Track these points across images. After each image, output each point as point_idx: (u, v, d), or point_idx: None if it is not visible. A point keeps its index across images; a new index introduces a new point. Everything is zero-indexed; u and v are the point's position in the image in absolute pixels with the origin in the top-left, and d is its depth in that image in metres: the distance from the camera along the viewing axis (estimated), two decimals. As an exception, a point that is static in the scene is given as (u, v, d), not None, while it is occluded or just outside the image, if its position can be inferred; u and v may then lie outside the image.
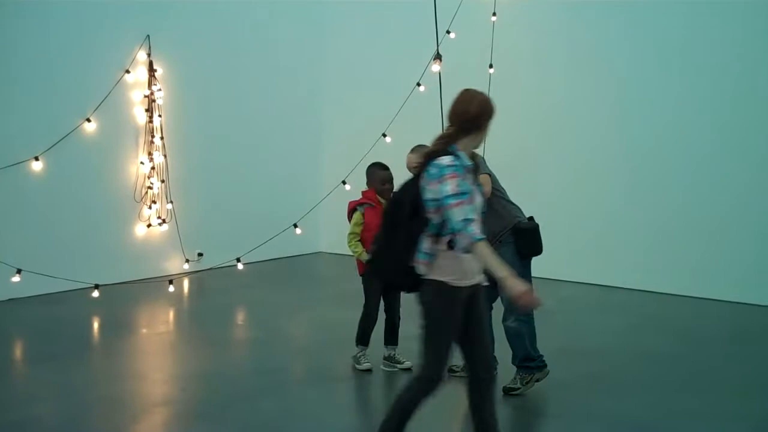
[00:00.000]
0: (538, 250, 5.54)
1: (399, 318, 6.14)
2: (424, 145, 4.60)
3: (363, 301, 6.09)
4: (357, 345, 6.13)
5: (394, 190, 4.50)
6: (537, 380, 5.48)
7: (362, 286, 6.10)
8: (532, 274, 5.50)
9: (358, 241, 5.99)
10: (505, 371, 5.55)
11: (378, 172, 6.04)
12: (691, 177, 8.79)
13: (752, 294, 8.33)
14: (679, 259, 8.85)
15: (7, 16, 8.17)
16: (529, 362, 5.47)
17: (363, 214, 5.99)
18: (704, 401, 5.42)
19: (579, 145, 9.68)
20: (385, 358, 6.13)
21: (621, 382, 5.20)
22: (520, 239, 5.48)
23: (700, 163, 8.74)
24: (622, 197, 9.31)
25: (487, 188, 5.25)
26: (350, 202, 6.15)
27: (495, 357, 5.17)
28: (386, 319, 6.12)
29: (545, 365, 5.55)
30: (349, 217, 6.09)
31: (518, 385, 5.43)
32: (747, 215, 8.38)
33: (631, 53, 9.28)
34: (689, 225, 8.78)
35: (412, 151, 5.31)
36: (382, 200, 5.97)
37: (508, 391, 5.40)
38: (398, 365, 6.07)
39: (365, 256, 5.88)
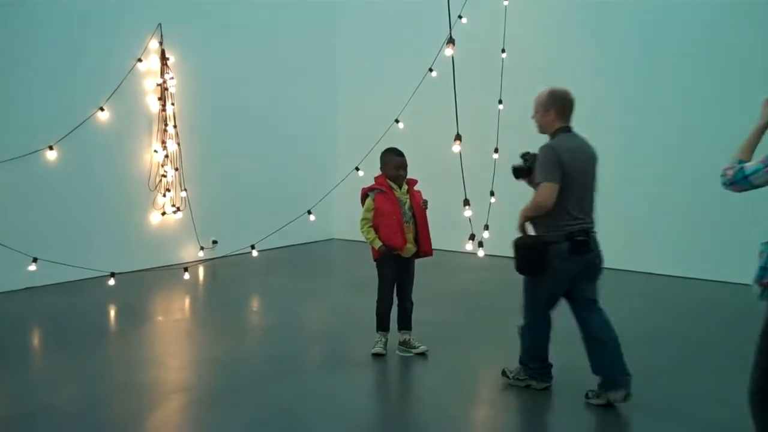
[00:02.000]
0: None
1: (411, 303, 6.16)
2: None
3: (377, 287, 6.10)
4: (377, 331, 6.14)
5: None
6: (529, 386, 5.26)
7: (376, 271, 6.12)
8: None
9: (371, 227, 5.97)
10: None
11: (392, 158, 6.00)
12: (708, 160, 8.72)
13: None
14: (696, 243, 8.81)
15: (20, 7, 8.19)
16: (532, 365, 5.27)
17: (374, 200, 5.97)
18: (720, 384, 5.40)
19: (592, 130, 9.61)
20: (400, 343, 6.14)
21: (635, 365, 5.17)
22: None
23: (717, 147, 8.68)
24: (628, 181, 9.27)
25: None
26: (363, 188, 6.13)
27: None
28: (399, 305, 6.13)
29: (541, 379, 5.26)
30: (363, 203, 6.08)
31: (512, 376, 5.36)
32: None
33: (645, 37, 9.22)
34: (704, 209, 8.73)
35: None
36: (394, 186, 5.96)
37: (503, 373, 5.42)
38: (413, 350, 6.07)
39: (378, 243, 5.89)
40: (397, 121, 8.24)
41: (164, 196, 9.75)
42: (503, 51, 8.09)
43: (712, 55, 8.72)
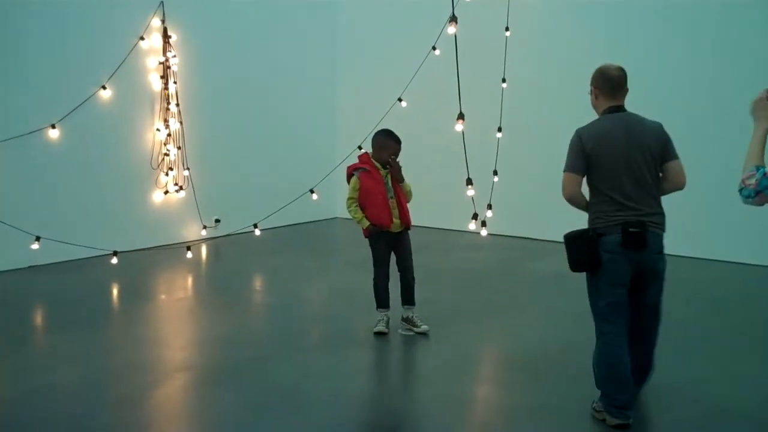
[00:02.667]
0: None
1: (413, 278, 6.11)
2: None
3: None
4: (377, 309, 6.15)
5: None
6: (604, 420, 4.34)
7: (370, 249, 6.11)
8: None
9: (357, 206, 5.96)
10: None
11: (391, 144, 5.94)
12: (717, 142, 8.68)
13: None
14: (705, 222, 8.77)
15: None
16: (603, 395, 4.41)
17: (360, 179, 5.95)
18: (725, 365, 5.40)
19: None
20: (402, 320, 6.13)
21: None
22: None
23: (730, 126, 8.63)
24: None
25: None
26: (348, 167, 6.12)
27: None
28: (400, 279, 6.10)
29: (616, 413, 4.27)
30: (348, 182, 6.06)
31: (593, 404, 4.48)
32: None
33: (650, 15, 9.14)
34: (712, 190, 8.69)
35: None
36: (378, 165, 5.95)
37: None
38: (415, 329, 6.07)
39: (366, 223, 5.91)
40: (400, 99, 8.20)
41: (167, 174, 9.74)
42: (507, 29, 8.02)
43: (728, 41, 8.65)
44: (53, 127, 8.48)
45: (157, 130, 9.59)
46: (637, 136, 4.25)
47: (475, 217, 6.19)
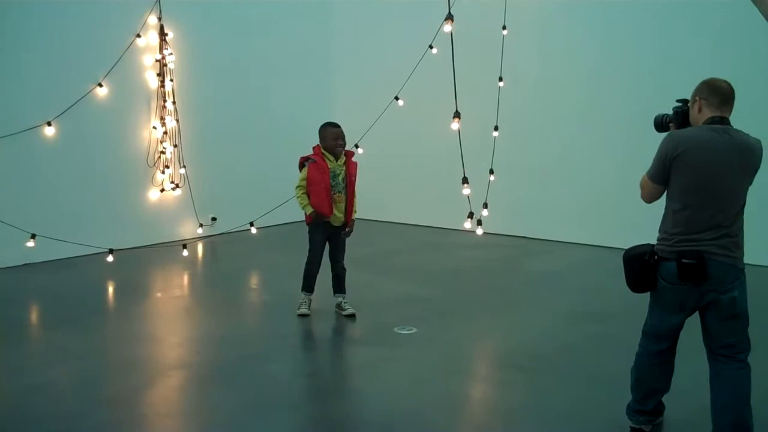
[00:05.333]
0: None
1: (344, 269, 6.60)
2: None
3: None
4: (302, 291, 6.57)
5: None
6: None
7: (307, 235, 6.57)
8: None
9: (304, 193, 6.35)
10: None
11: (330, 130, 6.43)
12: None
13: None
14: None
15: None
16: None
17: (308, 169, 6.32)
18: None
19: (593, 107, 9.61)
20: (336, 306, 6.61)
21: (629, 344, 5.16)
22: None
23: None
24: (634, 159, 9.23)
25: None
26: (300, 157, 6.51)
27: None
28: (332, 269, 6.58)
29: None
30: (300, 170, 6.43)
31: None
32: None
33: (648, 13, 9.15)
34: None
35: None
36: (329, 157, 6.37)
37: None
38: (342, 312, 6.52)
39: (309, 209, 6.35)
40: (396, 98, 8.19)
41: (163, 172, 9.73)
42: (504, 28, 8.02)
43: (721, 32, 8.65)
44: (49, 124, 8.46)
45: (154, 127, 9.58)
46: (737, 153, 3.78)
47: (470, 215, 6.19)
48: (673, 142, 3.84)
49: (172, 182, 9.83)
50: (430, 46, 7.61)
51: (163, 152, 9.66)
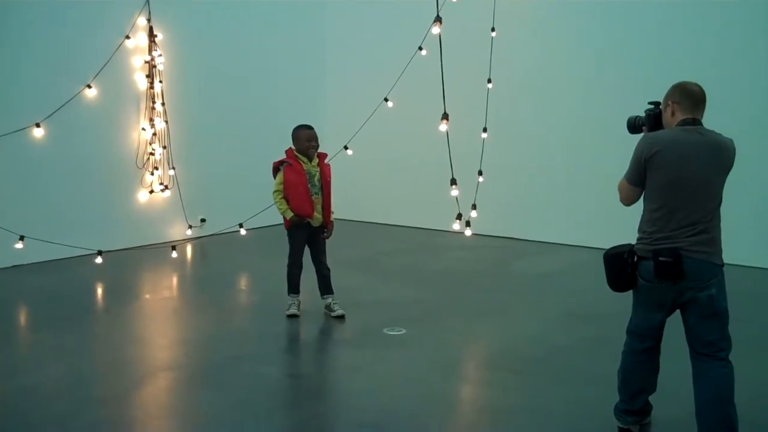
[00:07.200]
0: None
1: (328, 269, 6.64)
2: None
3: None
4: (289, 294, 6.58)
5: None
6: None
7: (287, 239, 6.55)
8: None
9: (282, 198, 6.35)
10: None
11: (303, 132, 6.43)
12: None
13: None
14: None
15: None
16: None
17: (284, 173, 6.34)
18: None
19: (583, 108, 9.65)
20: (325, 308, 6.62)
21: (621, 346, 5.20)
22: None
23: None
24: (624, 161, 9.28)
25: None
26: (274, 162, 6.51)
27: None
28: (316, 271, 6.61)
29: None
30: (274, 176, 6.45)
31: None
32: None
33: (638, 13, 9.20)
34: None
35: None
36: (303, 158, 6.37)
37: None
38: (332, 313, 6.53)
39: (290, 213, 6.33)
40: (386, 99, 8.21)
41: (152, 174, 9.72)
42: (493, 29, 8.05)
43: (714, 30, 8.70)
44: (38, 125, 8.44)
45: (143, 129, 9.56)
46: (710, 153, 3.86)
47: (459, 217, 6.22)
48: (647, 144, 3.92)
49: (161, 184, 9.82)
50: (420, 48, 7.63)
51: (152, 154, 9.65)
